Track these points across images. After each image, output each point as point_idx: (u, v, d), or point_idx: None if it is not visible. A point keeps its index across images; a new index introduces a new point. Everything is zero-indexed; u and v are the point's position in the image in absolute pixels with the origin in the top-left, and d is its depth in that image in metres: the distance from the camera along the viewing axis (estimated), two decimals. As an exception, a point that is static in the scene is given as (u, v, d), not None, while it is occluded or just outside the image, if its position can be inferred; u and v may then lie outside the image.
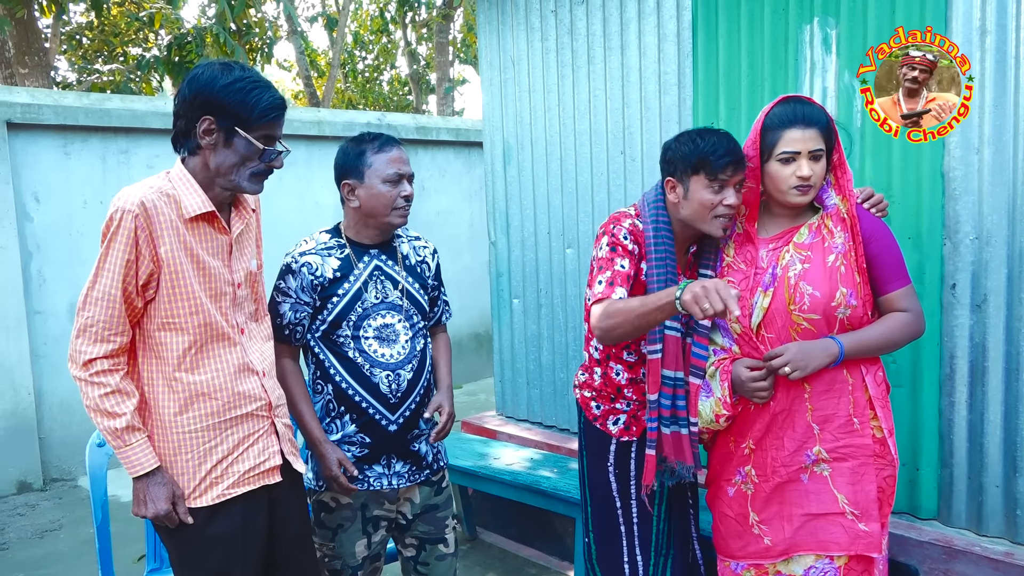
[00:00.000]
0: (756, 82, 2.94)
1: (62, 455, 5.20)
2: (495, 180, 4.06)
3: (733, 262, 2.12)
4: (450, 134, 7.21)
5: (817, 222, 2.04)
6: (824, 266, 1.98)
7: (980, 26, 2.40)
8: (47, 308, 5.09)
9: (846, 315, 1.98)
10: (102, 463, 2.48)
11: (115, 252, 1.73)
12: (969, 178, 2.47)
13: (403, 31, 15.75)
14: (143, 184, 1.80)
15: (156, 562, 2.54)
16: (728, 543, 2.18)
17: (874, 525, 2.00)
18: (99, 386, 1.75)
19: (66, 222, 5.12)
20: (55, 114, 4.98)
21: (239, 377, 1.90)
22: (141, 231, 1.73)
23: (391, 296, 2.27)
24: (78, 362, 1.76)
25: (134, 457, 1.78)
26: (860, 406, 2.02)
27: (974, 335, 2.53)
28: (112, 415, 1.76)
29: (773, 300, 2.02)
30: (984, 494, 2.55)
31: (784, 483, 2.07)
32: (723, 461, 2.19)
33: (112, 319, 1.75)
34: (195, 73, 1.81)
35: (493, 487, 3.47)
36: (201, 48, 7.88)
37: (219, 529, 1.86)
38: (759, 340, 2.04)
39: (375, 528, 2.30)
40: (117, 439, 1.77)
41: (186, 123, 1.81)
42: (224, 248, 1.89)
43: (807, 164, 1.96)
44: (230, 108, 1.77)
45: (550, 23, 3.66)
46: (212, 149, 1.81)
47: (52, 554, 4.07)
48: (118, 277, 1.73)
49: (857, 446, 2.01)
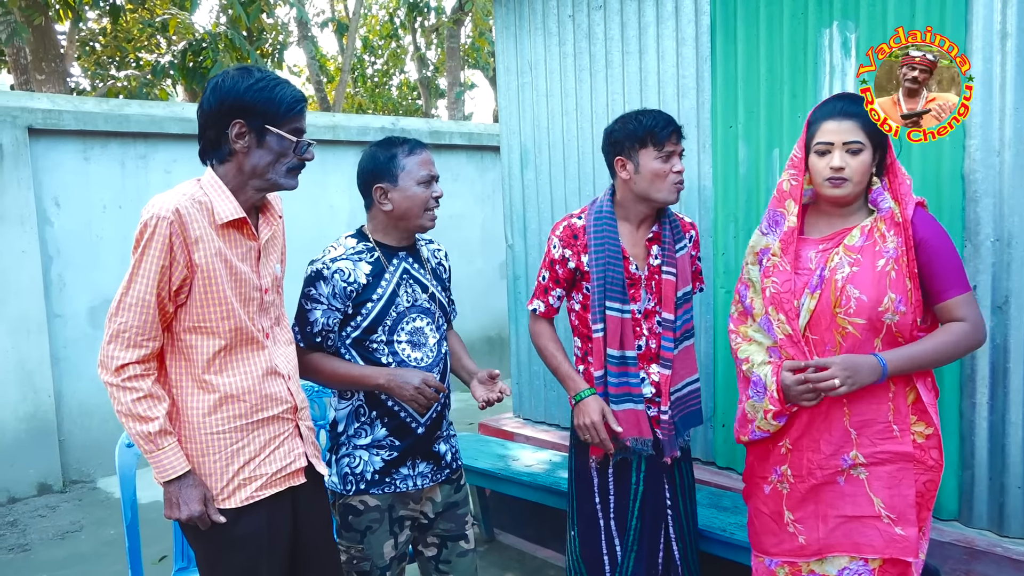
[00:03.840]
0: (775, 86, 2.96)
1: (81, 457, 5.24)
2: (512, 183, 4.09)
3: (779, 262, 2.08)
4: (463, 138, 7.24)
5: (870, 225, 2.01)
6: (873, 270, 1.95)
7: (1001, 29, 2.41)
8: (67, 312, 5.14)
9: (894, 321, 1.95)
10: (131, 463, 2.51)
11: (150, 258, 1.75)
12: (990, 180, 2.48)
13: (412, 36, 15.82)
14: (176, 191, 1.83)
15: (184, 561, 2.57)
16: (762, 539, 2.19)
17: (911, 530, 1.98)
18: (131, 391, 1.77)
19: (86, 227, 5.18)
20: (75, 120, 5.04)
21: (266, 380, 1.92)
22: (176, 237, 1.76)
23: (420, 299, 2.29)
24: (110, 368, 1.76)
25: (166, 461, 1.80)
26: (901, 413, 1.99)
27: (995, 336, 2.53)
28: (145, 419, 1.77)
29: (819, 302, 2.00)
30: (1006, 495, 2.56)
31: (820, 485, 2.06)
32: (760, 459, 2.19)
33: (145, 324, 1.77)
34: (216, 82, 1.84)
35: (512, 488, 3.49)
36: (216, 53, 7.93)
37: (246, 530, 1.88)
38: (804, 343, 2.04)
39: (400, 528, 2.33)
40: (149, 443, 1.78)
41: (215, 132, 1.84)
42: (253, 254, 1.92)
43: (840, 155, 1.96)
44: (258, 107, 1.81)
45: (567, 28, 3.69)
46: (246, 152, 1.84)
47: (74, 555, 4.11)
48: (153, 283, 1.75)
49: (896, 452, 1.99)
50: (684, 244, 2.46)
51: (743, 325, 2.23)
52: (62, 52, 8.72)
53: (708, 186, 3.24)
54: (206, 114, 1.84)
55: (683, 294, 2.43)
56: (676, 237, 2.44)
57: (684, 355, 2.46)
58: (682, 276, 2.43)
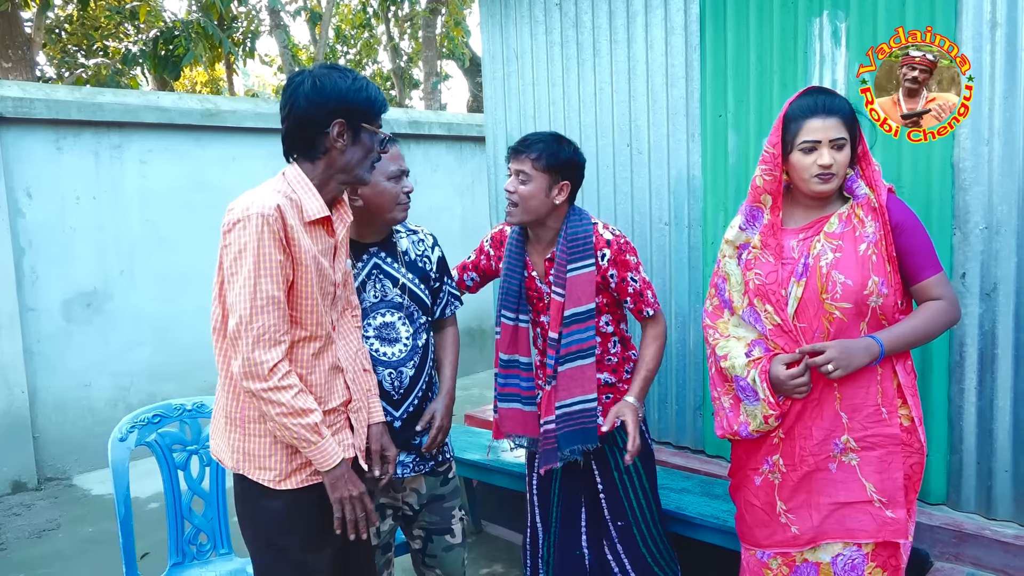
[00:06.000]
0: (765, 75, 2.96)
1: (56, 454, 5.14)
2: (498, 173, 4.06)
3: (761, 255, 2.11)
4: (442, 128, 7.19)
5: (847, 211, 2.05)
6: (856, 255, 1.99)
7: (991, 19, 2.44)
8: (40, 305, 5.02)
9: (878, 304, 1.99)
10: (124, 458, 2.47)
11: (266, 256, 1.76)
12: (979, 169, 2.51)
13: (386, 26, 15.66)
14: (267, 188, 1.84)
15: (179, 557, 2.53)
16: (754, 532, 2.20)
17: (900, 512, 2.02)
18: (288, 389, 1.78)
19: (59, 218, 5.06)
20: (47, 108, 4.92)
21: (331, 374, 1.96)
22: (281, 233, 1.78)
23: (390, 294, 2.27)
24: (262, 374, 1.75)
25: (330, 448, 1.84)
26: (889, 396, 2.03)
27: (984, 323, 2.57)
28: (307, 412, 1.79)
29: (806, 290, 2.02)
30: (993, 479, 2.60)
31: (812, 472, 2.08)
32: (750, 451, 2.20)
33: (280, 320, 1.79)
34: (314, 83, 1.83)
35: (500, 479, 3.48)
36: (189, 41, 7.78)
37: (304, 509, 1.92)
38: (795, 331, 2.05)
39: (381, 516, 2.32)
40: (315, 434, 1.81)
41: (312, 131, 1.85)
42: (331, 250, 1.96)
43: (828, 152, 1.98)
44: (358, 107, 1.86)
45: (554, 16, 3.67)
46: (343, 150, 1.88)
47: (51, 553, 4.03)
48: (277, 278, 1.77)
49: (885, 435, 2.03)
50: (586, 265, 2.39)
51: (720, 319, 2.24)
52: (30, 39, 8.50)
53: (697, 175, 3.24)
54: (304, 113, 1.84)
55: (573, 314, 2.39)
56: (575, 257, 2.39)
57: (575, 373, 2.42)
58: (572, 297, 2.38)
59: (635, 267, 2.44)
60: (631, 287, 2.43)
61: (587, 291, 2.39)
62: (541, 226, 2.46)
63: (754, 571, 2.22)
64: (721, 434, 2.23)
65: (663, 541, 2.60)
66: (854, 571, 2.08)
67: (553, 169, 2.37)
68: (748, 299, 2.12)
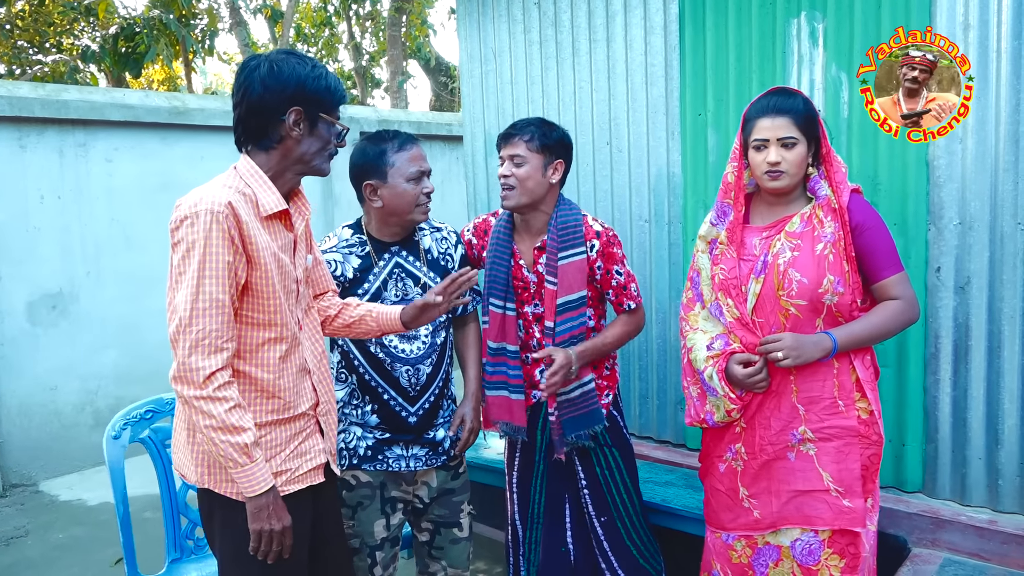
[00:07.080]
0: (744, 75, 3.02)
1: (21, 460, 5.00)
2: (476, 172, 4.07)
3: (726, 250, 2.19)
4: (411, 127, 7.16)
5: (809, 212, 2.12)
6: (812, 254, 2.06)
7: (963, 21, 2.52)
8: (3, 308, 4.88)
9: (833, 302, 2.06)
10: (119, 456, 2.43)
11: (214, 255, 1.65)
12: (953, 166, 2.59)
13: (348, 24, 15.53)
14: (217, 184, 1.75)
15: (176, 552, 2.52)
16: (719, 515, 2.29)
17: (858, 501, 2.10)
18: (223, 401, 1.66)
19: (22, 218, 4.92)
20: (9, 105, 4.78)
21: (299, 376, 1.88)
22: (234, 231, 1.68)
23: (411, 293, 2.28)
24: (196, 381, 1.64)
25: (259, 473, 1.71)
26: (845, 389, 2.10)
27: (958, 316, 2.66)
28: (239, 429, 1.67)
29: (763, 286, 2.10)
30: (968, 466, 2.69)
31: (771, 460, 2.17)
32: (716, 439, 2.29)
33: (223, 326, 1.67)
34: (270, 69, 1.75)
35: (481, 475, 3.49)
36: (150, 38, 7.63)
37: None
38: (752, 325, 2.14)
39: (393, 509, 2.33)
40: (243, 455, 1.68)
41: (265, 119, 1.76)
42: (290, 245, 1.88)
43: (775, 151, 2.06)
44: (317, 96, 1.78)
45: (533, 15, 3.69)
46: (298, 140, 1.79)
47: (21, 561, 3.92)
48: (224, 280, 1.66)
49: (842, 427, 2.10)
50: (577, 252, 2.43)
51: (691, 312, 2.32)
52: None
53: (677, 173, 3.29)
54: (258, 99, 1.75)
55: (565, 302, 2.43)
56: (565, 244, 2.43)
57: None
58: (564, 285, 2.42)
59: (621, 260, 2.48)
60: (615, 279, 2.48)
61: (578, 279, 2.43)
62: (534, 211, 2.47)
63: (719, 552, 2.31)
64: (690, 422, 2.31)
65: (647, 534, 2.65)
66: (811, 556, 2.16)
67: (547, 148, 2.41)
68: (714, 292, 2.20)
